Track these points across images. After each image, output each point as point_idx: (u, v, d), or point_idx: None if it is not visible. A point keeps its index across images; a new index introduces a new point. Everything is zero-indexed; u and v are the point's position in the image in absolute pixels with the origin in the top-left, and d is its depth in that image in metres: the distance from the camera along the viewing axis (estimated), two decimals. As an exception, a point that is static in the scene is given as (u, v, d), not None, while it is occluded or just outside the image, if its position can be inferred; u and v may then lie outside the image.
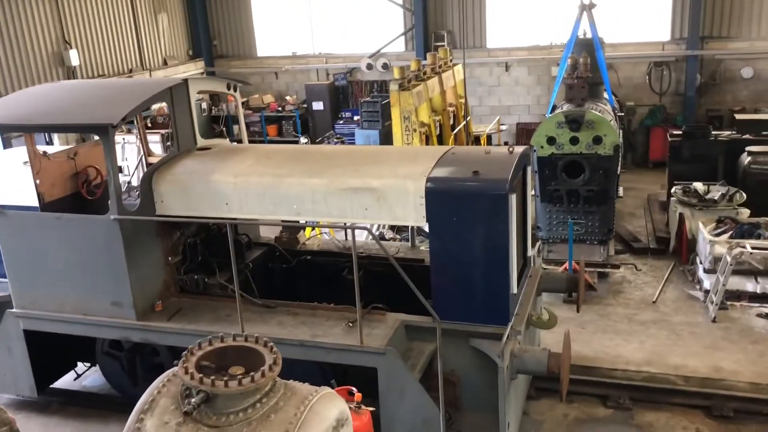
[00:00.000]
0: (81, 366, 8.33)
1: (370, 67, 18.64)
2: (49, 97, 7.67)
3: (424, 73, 13.11)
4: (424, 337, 6.44)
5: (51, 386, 8.09)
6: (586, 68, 11.10)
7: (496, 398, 6.04)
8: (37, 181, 7.44)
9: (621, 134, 11.93)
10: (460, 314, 6.24)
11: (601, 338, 8.84)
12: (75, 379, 8.32)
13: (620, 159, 11.91)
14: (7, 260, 7.39)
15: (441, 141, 13.04)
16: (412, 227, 8.26)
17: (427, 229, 6.49)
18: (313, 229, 8.92)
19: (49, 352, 7.68)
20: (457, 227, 6.08)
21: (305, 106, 19.33)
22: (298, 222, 7.02)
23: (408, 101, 11.75)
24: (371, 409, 5.08)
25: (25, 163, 7.54)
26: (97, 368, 8.06)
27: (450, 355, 6.23)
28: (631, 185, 15.05)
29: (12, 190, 7.47)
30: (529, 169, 7.06)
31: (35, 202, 7.49)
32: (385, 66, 18.44)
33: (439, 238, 6.25)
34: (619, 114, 13.72)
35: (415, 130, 11.84)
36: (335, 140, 16.28)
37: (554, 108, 11.99)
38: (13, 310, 7.44)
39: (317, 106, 19.05)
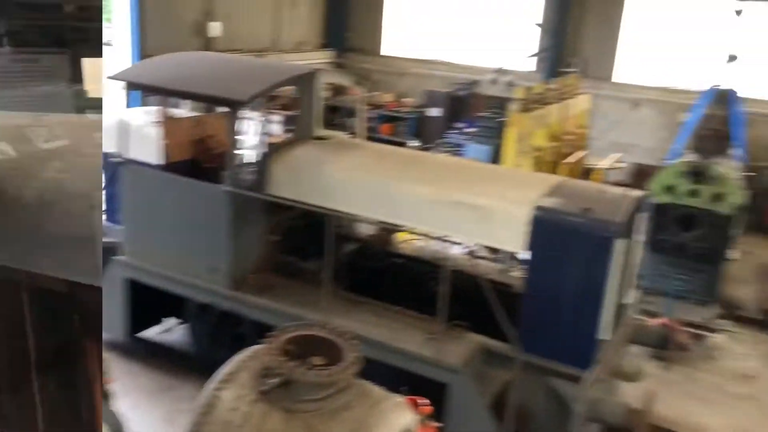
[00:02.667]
0: (171, 320, 8.76)
1: (494, 81, 18.48)
2: (187, 66, 8.11)
3: (548, 98, 12.86)
4: (502, 365, 6.32)
5: (140, 334, 8.55)
6: (720, 121, 10.58)
7: (566, 440, 5.87)
8: (165, 142, 7.87)
9: (746, 195, 11.28)
10: (543, 349, 6.07)
11: (685, 403, 8.35)
12: (163, 333, 8.76)
13: (741, 221, 11.24)
14: (124, 210, 7.89)
15: (553, 169, 12.74)
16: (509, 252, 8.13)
17: (524, 256, 6.38)
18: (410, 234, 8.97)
19: (145, 302, 8.12)
20: (558, 262, 5.94)
21: (421, 110, 19.42)
22: (396, 224, 7.09)
23: (526, 124, 11.56)
24: (439, 425, 5.03)
25: (155, 123, 7.99)
26: (185, 325, 8.46)
27: (525, 389, 6.09)
28: (750, 249, 14.09)
29: (139, 146, 7.93)
30: (641, 214, 6.80)
31: (157, 161, 7.92)
32: (511, 84, 18.20)
33: (536, 269, 6.13)
34: (748, 174, 12.94)
35: (527, 154, 11.63)
36: (444, 150, 16.23)
37: (677, 156, 11.48)
38: (120, 257, 7.94)
39: (433, 112, 19.08)
